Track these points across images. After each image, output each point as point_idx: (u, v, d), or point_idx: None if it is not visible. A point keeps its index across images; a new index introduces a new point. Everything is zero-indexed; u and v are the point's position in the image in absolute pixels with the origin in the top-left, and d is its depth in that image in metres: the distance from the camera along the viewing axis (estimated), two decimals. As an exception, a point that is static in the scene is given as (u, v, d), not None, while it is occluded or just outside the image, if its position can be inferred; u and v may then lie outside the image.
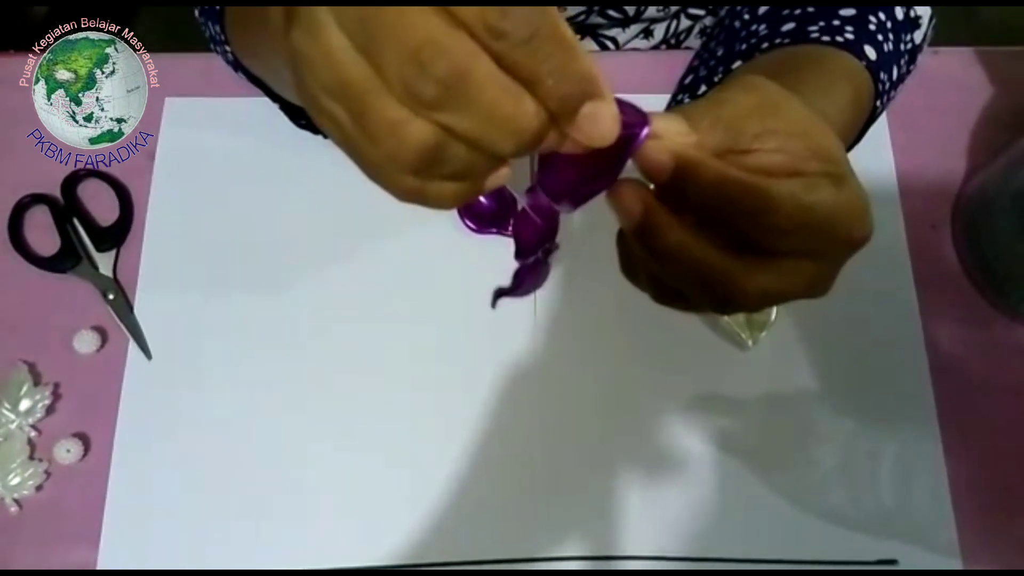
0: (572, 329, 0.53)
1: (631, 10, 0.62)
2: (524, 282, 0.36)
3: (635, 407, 0.51)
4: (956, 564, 0.49)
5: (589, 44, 0.66)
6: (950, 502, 0.50)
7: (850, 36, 0.43)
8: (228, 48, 0.48)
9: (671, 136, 0.27)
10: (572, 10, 0.60)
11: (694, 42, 0.68)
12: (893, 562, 0.49)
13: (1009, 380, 0.53)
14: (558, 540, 0.49)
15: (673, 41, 0.67)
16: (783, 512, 0.49)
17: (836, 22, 0.43)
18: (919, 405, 0.52)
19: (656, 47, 0.67)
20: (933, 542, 0.49)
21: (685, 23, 0.66)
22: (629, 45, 0.66)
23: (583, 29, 0.65)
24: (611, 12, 0.61)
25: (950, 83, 0.60)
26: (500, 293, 0.37)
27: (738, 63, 0.46)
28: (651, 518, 0.49)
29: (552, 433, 0.51)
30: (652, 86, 0.58)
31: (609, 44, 0.66)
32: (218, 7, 0.46)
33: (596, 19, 0.62)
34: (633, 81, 0.59)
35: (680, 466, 0.51)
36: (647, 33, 0.66)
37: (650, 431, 0.51)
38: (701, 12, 0.65)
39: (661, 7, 0.62)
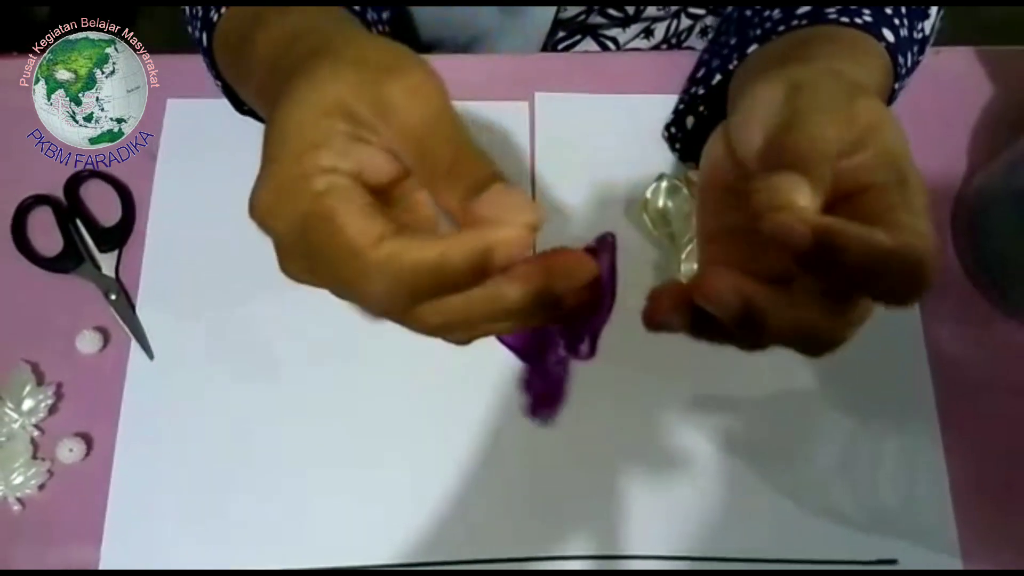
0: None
1: (631, 9, 0.62)
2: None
3: (636, 406, 0.51)
4: (956, 564, 0.49)
5: (589, 44, 0.66)
6: (950, 502, 0.50)
7: (868, 19, 0.43)
8: (219, 82, 0.48)
9: (804, 205, 0.26)
10: (572, 10, 0.60)
11: (695, 42, 0.68)
12: (893, 561, 0.49)
13: (1009, 380, 0.53)
14: (558, 539, 0.49)
15: (674, 41, 0.67)
16: (783, 511, 0.50)
17: (853, 5, 0.44)
18: (920, 405, 0.52)
19: (657, 47, 0.67)
20: (933, 542, 0.49)
21: (686, 23, 0.66)
22: (630, 45, 0.66)
23: (583, 29, 0.65)
24: (611, 12, 0.62)
25: (951, 82, 0.60)
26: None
27: (754, 47, 0.46)
28: (651, 517, 0.49)
29: (554, 432, 0.51)
30: (653, 86, 0.58)
31: (609, 44, 0.66)
32: (205, 44, 0.45)
33: (596, 19, 0.62)
34: (634, 81, 0.59)
35: (681, 465, 0.51)
36: (648, 33, 0.66)
37: (650, 430, 0.51)
38: (701, 11, 0.65)
39: (661, 6, 0.62)
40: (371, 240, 0.25)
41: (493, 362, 0.52)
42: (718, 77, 0.49)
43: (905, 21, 0.44)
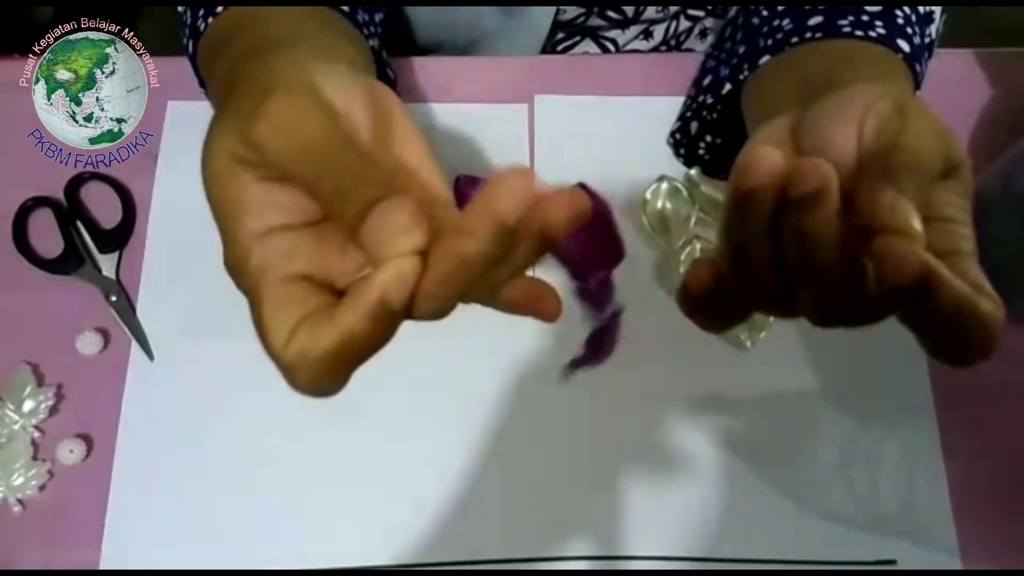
0: (573, 330, 0.53)
1: (630, 12, 0.62)
2: (599, 349, 0.39)
3: (634, 408, 0.52)
4: (955, 564, 0.49)
5: (589, 46, 0.66)
6: (949, 502, 0.50)
7: (882, 31, 0.42)
8: (204, 88, 0.48)
9: (919, 230, 0.26)
10: (572, 12, 0.60)
11: (694, 43, 0.68)
12: (892, 562, 0.49)
13: (1008, 381, 0.53)
14: (558, 540, 0.49)
15: (673, 43, 0.67)
16: (781, 512, 0.50)
17: (865, 17, 0.43)
18: (918, 405, 0.52)
19: (656, 48, 0.67)
20: (932, 542, 0.49)
21: (685, 24, 0.66)
22: (629, 46, 0.66)
23: (583, 31, 0.65)
24: (610, 13, 0.62)
25: (950, 84, 0.60)
26: (575, 364, 0.40)
27: (766, 58, 0.45)
28: (650, 518, 0.49)
29: (553, 434, 0.51)
30: (653, 88, 0.58)
31: (609, 45, 0.66)
32: (191, 51, 0.45)
33: (596, 21, 0.62)
34: (634, 84, 0.59)
35: (679, 466, 0.51)
36: (647, 34, 0.66)
37: (649, 432, 0.51)
38: (700, 13, 0.65)
39: (660, 8, 0.62)
40: (283, 338, 0.26)
41: (493, 362, 0.52)
42: (728, 86, 0.48)
43: (917, 29, 0.44)
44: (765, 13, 0.49)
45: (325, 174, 0.26)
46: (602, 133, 0.58)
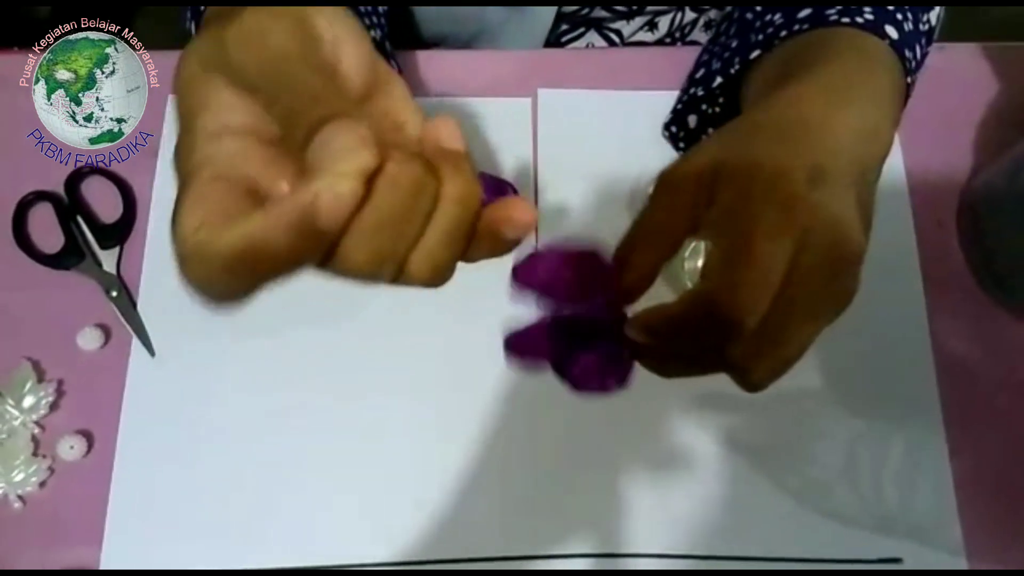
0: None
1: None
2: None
3: (638, 406, 0.51)
4: (960, 562, 0.48)
5: (593, 37, 0.66)
6: (955, 500, 0.49)
7: (870, 17, 0.42)
8: None
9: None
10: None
11: (699, 35, 0.68)
12: (898, 560, 0.48)
13: (1014, 378, 0.52)
14: (560, 538, 0.49)
15: (678, 34, 0.67)
16: (787, 510, 0.49)
17: (853, 6, 0.43)
18: (924, 403, 0.52)
19: (661, 40, 0.66)
20: (938, 541, 0.49)
21: (690, 16, 0.65)
22: (634, 38, 0.66)
23: (587, 23, 0.64)
24: (615, 5, 0.61)
25: (956, 79, 0.59)
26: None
27: (756, 52, 0.45)
28: (654, 516, 0.49)
29: (555, 431, 0.51)
30: (656, 82, 0.58)
31: (613, 37, 0.65)
32: (193, 33, 0.45)
33: (600, 12, 0.62)
34: (638, 77, 0.58)
35: (683, 464, 0.51)
36: (651, 26, 0.65)
37: (653, 429, 0.51)
38: (705, 5, 0.65)
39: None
40: (191, 227, 0.24)
41: (494, 362, 0.52)
42: (718, 79, 0.48)
43: (909, 15, 0.44)
44: (760, 8, 0.49)
45: (284, 90, 0.24)
46: (606, 127, 0.57)
